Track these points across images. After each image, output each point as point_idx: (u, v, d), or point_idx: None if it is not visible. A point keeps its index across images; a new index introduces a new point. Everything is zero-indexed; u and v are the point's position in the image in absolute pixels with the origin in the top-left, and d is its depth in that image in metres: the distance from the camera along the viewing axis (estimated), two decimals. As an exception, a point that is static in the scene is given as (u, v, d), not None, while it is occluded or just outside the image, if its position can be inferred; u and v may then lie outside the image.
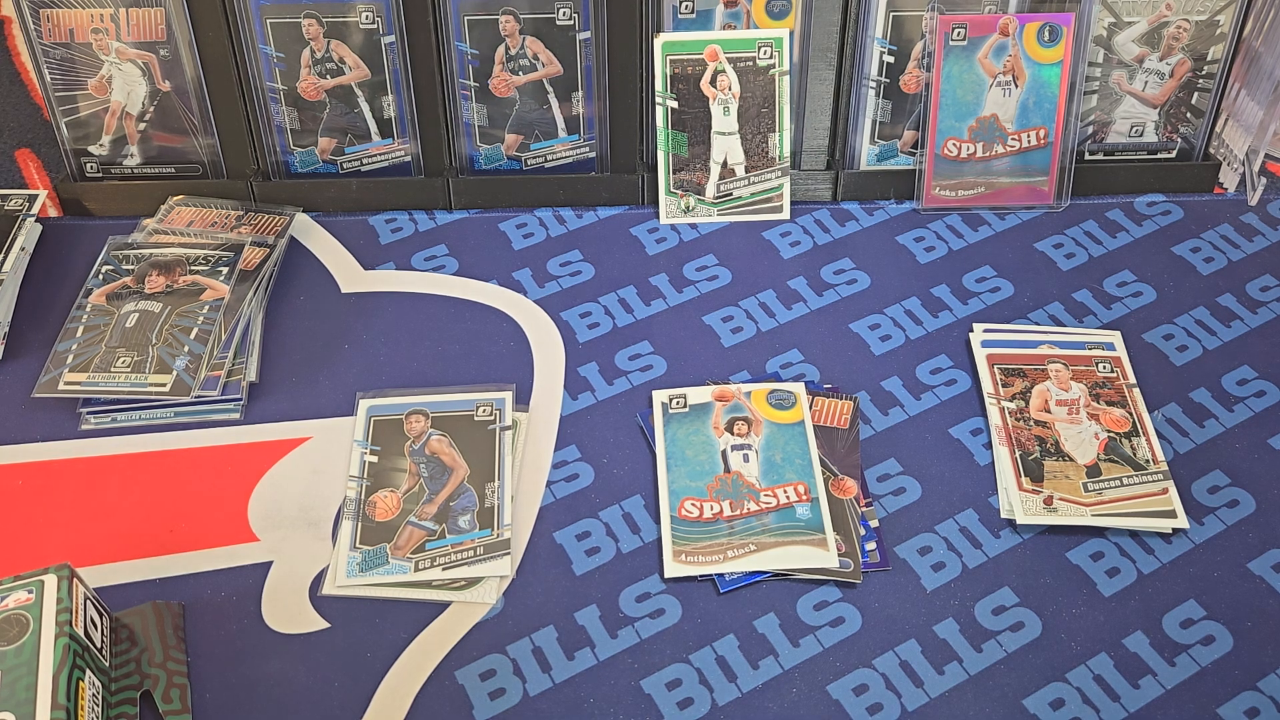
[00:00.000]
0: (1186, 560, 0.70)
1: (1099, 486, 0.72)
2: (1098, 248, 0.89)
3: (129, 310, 0.80)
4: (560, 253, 0.88)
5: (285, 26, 0.85)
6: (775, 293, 0.85)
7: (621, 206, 0.92)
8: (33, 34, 0.85)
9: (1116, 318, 0.84)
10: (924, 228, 0.90)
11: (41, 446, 0.76)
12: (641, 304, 0.85)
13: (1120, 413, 0.76)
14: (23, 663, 0.57)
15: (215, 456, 0.75)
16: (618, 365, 0.81)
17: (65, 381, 0.76)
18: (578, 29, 0.86)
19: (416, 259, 0.88)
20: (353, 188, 0.91)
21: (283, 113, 0.88)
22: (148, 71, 0.86)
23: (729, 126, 0.88)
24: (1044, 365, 0.78)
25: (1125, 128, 0.92)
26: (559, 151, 0.91)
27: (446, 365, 0.80)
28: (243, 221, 0.88)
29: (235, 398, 0.77)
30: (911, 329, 0.83)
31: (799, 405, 0.76)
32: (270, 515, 0.72)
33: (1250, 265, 0.88)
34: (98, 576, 0.68)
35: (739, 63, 0.86)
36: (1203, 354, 0.81)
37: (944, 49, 0.87)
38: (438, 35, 0.86)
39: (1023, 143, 0.89)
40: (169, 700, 0.62)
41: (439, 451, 0.74)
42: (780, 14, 0.87)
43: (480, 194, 0.91)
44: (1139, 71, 0.90)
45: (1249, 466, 0.74)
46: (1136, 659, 0.65)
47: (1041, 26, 0.86)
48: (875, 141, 0.91)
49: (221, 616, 0.67)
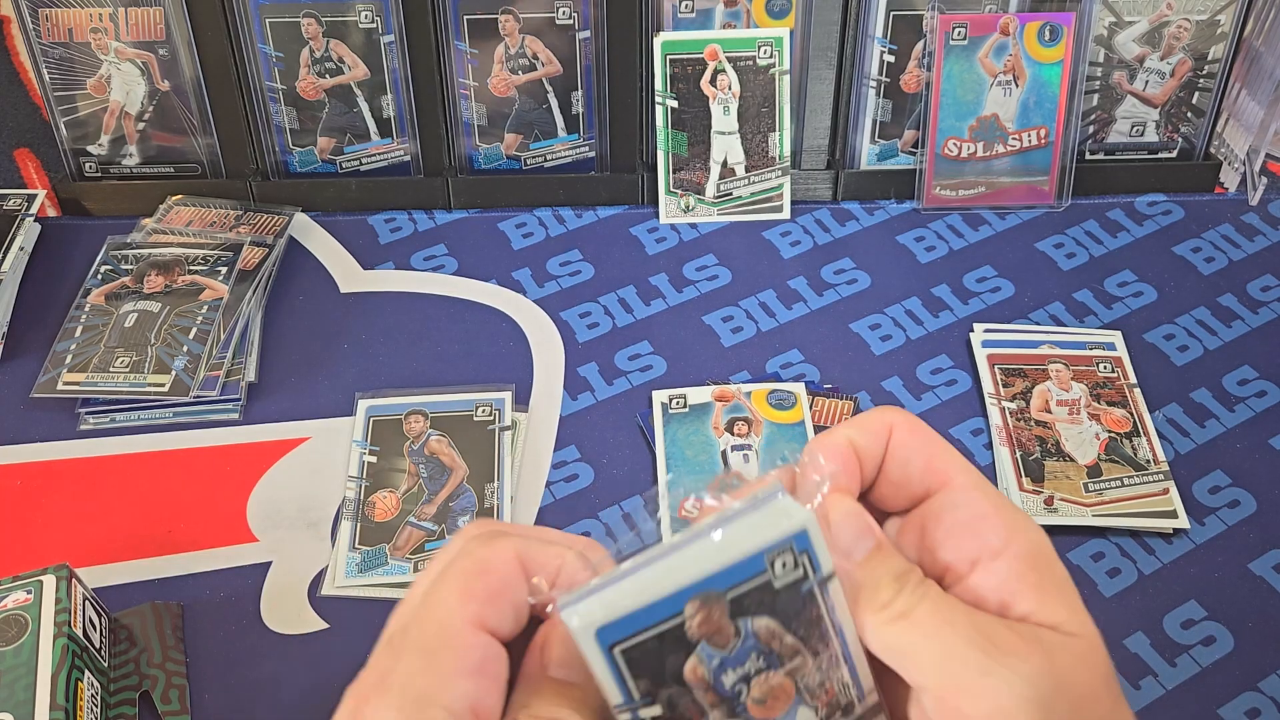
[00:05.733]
0: (1187, 560, 0.70)
1: (1100, 487, 0.72)
2: (1098, 247, 0.89)
3: (128, 310, 0.80)
4: (560, 252, 0.88)
5: (284, 26, 0.85)
6: (775, 292, 0.85)
7: (621, 206, 0.92)
8: (31, 34, 0.84)
9: (1117, 318, 0.83)
10: (924, 227, 0.90)
11: (40, 447, 0.75)
12: (641, 304, 0.85)
13: (1121, 413, 0.76)
14: (21, 663, 0.57)
15: (214, 457, 0.75)
16: (617, 365, 0.80)
17: (64, 381, 0.76)
18: (577, 28, 0.86)
19: (416, 259, 0.88)
20: (352, 187, 0.91)
21: (282, 112, 0.88)
22: (147, 71, 0.86)
23: (729, 126, 0.88)
24: (1045, 365, 0.78)
25: (1126, 127, 0.92)
26: (559, 151, 0.91)
27: (445, 365, 0.80)
28: (242, 221, 0.88)
29: (234, 398, 0.77)
30: (912, 329, 0.83)
31: (799, 405, 0.76)
32: (269, 515, 0.72)
33: (1251, 265, 0.88)
34: (96, 577, 0.68)
35: (739, 62, 0.86)
36: (1204, 354, 0.81)
37: (944, 48, 0.86)
38: (438, 35, 0.86)
39: (1023, 142, 0.89)
40: (168, 701, 0.62)
41: (438, 452, 0.74)
42: (780, 13, 0.87)
43: (480, 194, 0.91)
44: (1140, 71, 0.89)
45: (1250, 467, 0.74)
46: (1137, 659, 0.65)
47: (1042, 26, 0.86)
48: (875, 141, 0.91)
49: (220, 617, 0.67)
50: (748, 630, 0.35)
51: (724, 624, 0.35)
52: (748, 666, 0.36)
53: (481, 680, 0.33)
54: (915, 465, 0.38)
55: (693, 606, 0.34)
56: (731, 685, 0.36)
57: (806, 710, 0.37)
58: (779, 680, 0.36)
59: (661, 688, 0.35)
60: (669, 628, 0.34)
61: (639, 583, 0.34)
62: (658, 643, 0.34)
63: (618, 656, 0.34)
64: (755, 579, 0.35)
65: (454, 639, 0.33)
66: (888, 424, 0.38)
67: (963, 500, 0.37)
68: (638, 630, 0.34)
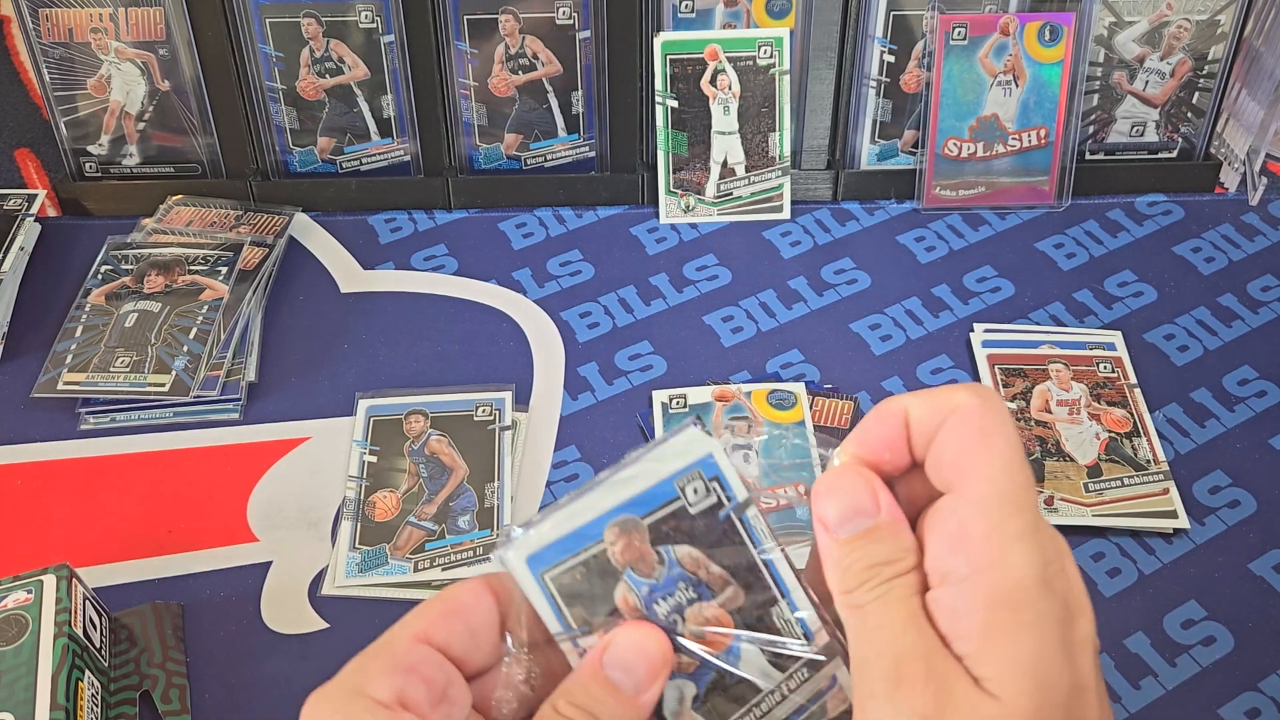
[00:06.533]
0: (1187, 560, 0.70)
1: (1100, 487, 0.72)
2: (1098, 247, 0.89)
3: (128, 310, 0.80)
4: (560, 252, 0.88)
5: (284, 26, 0.85)
6: (775, 292, 0.85)
7: (621, 206, 0.92)
8: (31, 33, 0.84)
9: (1117, 318, 0.83)
10: (924, 227, 0.90)
11: (40, 446, 0.75)
12: (641, 304, 0.85)
13: (1121, 413, 0.76)
14: (22, 663, 0.57)
15: (214, 456, 0.75)
16: (618, 365, 0.80)
17: (64, 381, 0.76)
18: (577, 28, 0.86)
19: (416, 258, 0.88)
20: (352, 187, 0.91)
21: (282, 112, 0.88)
22: (147, 71, 0.86)
23: (729, 126, 0.88)
24: (1045, 365, 0.78)
25: (1126, 127, 0.92)
26: (559, 151, 0.91)
27: (446, 365, 0.80)
28: (242, 221, 0.88)
29: (234, 398, 0.77)
30: (912, 329, 0.83)
31: (799, 405, 0.76)
32: (269, 515, 0.72)
33: (1251, 265, 0.88)
34: (96, 577, 0.68)
35: (739, 62, 0.86)
36: (1204, 354, 0.81)
37: (944, 48, 0.86)
38: (438, 35, 0.86)
39: (1023, 142, 0.89)
40: (168, 700, 0.62)
41: (438, 452, 0.74)
42: (780, 14, 0.87)
43: (480, 194, 0.91)
44: (1140, 71, 0.89)
45: (1250, 467, 0.74)
46: (1138, 659, 0.65)
47: (1042, 26, 0.86)
48: (875, 141, 0.91)
49: (221, 617, 0.67)
50: (671, 558, 0.38)
51: (645, 550, 0.37)
52: (678, 597, 0.38)
53: (411, 677, 0.36)
54: (947, 456, 0.36)
55: (612, 533, 0.37)
56: (666, 615, 0.38)
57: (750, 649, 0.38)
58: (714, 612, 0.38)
59: (597, 616, 0.37)
60: (594, 554, 0.37)
61: (564, 514, 0.37)
62: (585, 569, 0.37)
63: (550, 584, 0.37)
64: (670, 505, 0.38)
65: (391, 645, 0.37)
66: (953, 404, 0.36)
67: (960, 513, 0.35)
68: (565, 557, 0.37)
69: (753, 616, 0.38)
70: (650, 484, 0.37)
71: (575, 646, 0.37)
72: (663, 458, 0.38)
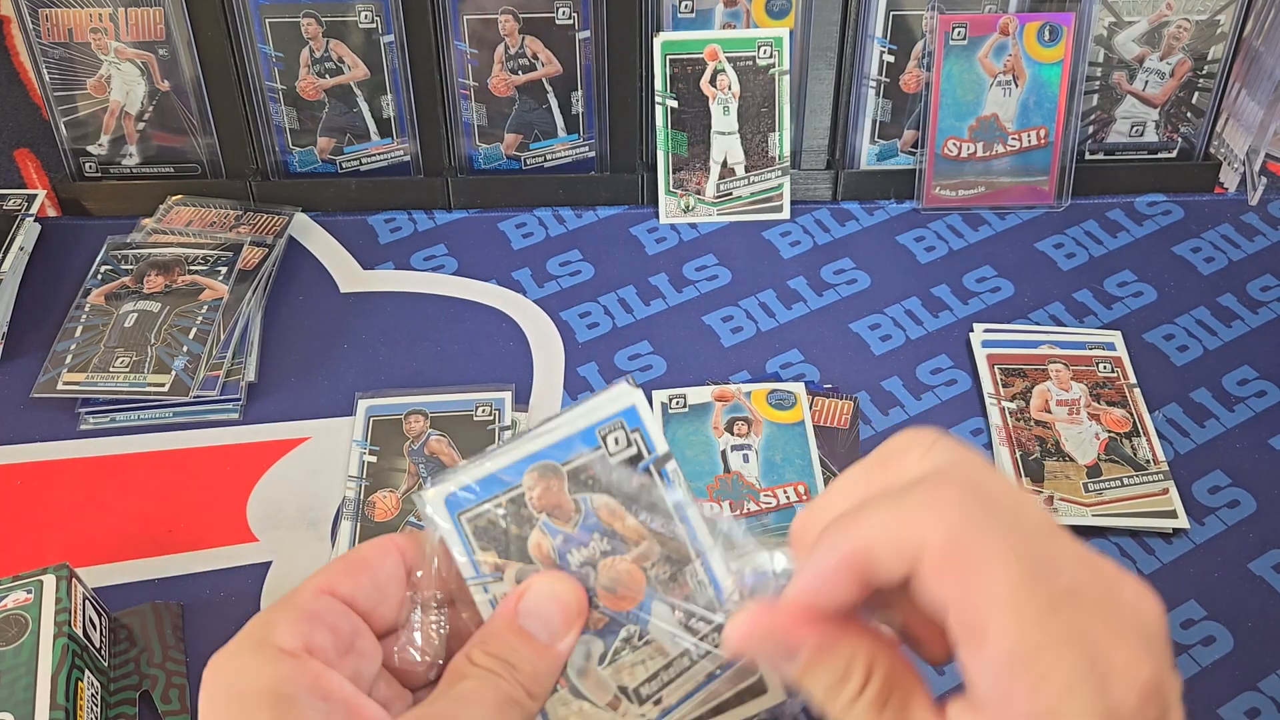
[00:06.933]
0: (1187, 560, 0.70)
1: (1099, 487, 0.72)
2: (1098, 247, 0.89)
3: (128, 310, 0.80)
4: (560, 252, 0.88)
5: (284, 26, 0.85)
6: (775, 292, 0.85)
7: (621, 206, 0.92)
8: (31, 34, 0.84)
9: (1117, 318, 0.83)
10: (924, 227, 0.90)
11: (40, 447, 0.75)
12: (641, 304, 0.85)
13: (1121, 413, 0.76)
14: (21, 663, 0.57)
15: (214, 456, 0.75)
16: (617, 365, 0.80)
17: (64, 381, 0.76)
18: (577, 28, 0.86)
19: (416, 259, 0.88)
20: (352, 187, 0.91)
21: (282, 112, 0.88)
22: (146, 71, 0.86)
23: (729, 126, 0.88)
24: (1044, 365, 0.78)
25: (1126, 127, 0.92)
26: (558, 151, 0.91)
27: (446, 365, 0.80)
28: (241, 221, 0.88)
29: (234, 398, 0.77)
30: (911, 329, 0.83)
31: (799, 405, 0.76)
32: (269, 515, 0.72)
33: (1251, 265, 0.88)
34: (96, 577, 0.68)
35: (739, 62, 0.86)
36: (1203, 354, 0.81)
37: (944, 48, 0.86)
38: (438, 35, 0.86)
39: (1023, 142, 0.89)
40: (168, 700, 0.62)
41: (438, 452, 0.74)
42: (780, 14, 0.87)
43: (480, 194, 0.91)
44: (1139, 71, 0.90)
45: (1250, 467, 0.74)
46: (1137, 659, 0.65)
47: (1042, 26, 0.86)
48: (875, 141, 0.91)
49: (221, 617, 0.67)
50: (588, 508, 0.38)
51: (563, 498, 0.38)
52: (592, 548, 0.38)
53: (316, 625, 0.37)
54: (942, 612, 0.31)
55: (531, 477, 0.37)
56: (578, 566, 0.38)
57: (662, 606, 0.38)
58: (626, 567, 0.38)
59: (510, 562, 0.37)
60: (511, 497, 0.37)
61: (488, 458, 0.38)
62: (501, 512, 0.37)
63: (465, 524, 0.37)
64: (590, 453, 0.38)
65: (295, 597, 0.38)
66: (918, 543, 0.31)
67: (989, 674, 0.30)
68: (483, 500, 0.37)
69: (666, 574, 0.38)
70: (572, 431, 0.38)
71: (486, 593, 0.37)
72: (589, 410, 0.38)
